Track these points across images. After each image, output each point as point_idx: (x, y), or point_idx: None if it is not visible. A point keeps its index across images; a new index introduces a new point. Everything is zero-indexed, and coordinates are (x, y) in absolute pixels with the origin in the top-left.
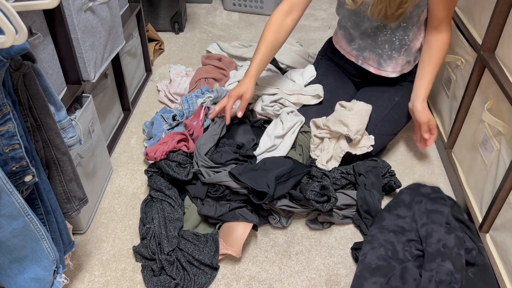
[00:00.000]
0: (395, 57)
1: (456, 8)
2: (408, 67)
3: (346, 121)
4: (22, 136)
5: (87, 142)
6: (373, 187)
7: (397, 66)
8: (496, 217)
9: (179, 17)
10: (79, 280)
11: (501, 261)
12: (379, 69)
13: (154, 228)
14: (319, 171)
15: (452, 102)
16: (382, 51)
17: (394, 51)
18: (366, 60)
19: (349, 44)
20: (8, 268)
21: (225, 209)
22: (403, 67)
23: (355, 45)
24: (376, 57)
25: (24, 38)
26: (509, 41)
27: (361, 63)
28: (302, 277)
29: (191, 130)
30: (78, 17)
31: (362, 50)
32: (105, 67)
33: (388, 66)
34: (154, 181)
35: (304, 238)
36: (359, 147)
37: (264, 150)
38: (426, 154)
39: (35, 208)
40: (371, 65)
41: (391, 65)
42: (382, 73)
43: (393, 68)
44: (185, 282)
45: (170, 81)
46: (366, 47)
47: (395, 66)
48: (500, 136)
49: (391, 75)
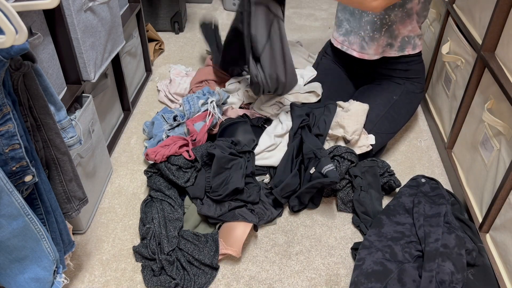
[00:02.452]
0: (376, 37)
1: (456, 8)
2: (389, 50)
3: (342, 122)
4: (22, 136)
5: (87, 142)
6: (370, 187)
7: (379, 48)
8: (496, 217)
9: (179, 17)
10: (79, 280)
11: (501, 261)
12: (361, 53)
13: (154, 228)
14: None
15: (452, 102)
16: (365, 33)
17: (376, 31)
18: (350, 45)
19: (337, 31)
20: (8, 268)
21: (225, 209)
22: (384, 49)
23: (342, 31)
24: (359, 40)
25: (24, 38)
26: (509, 41)
27: (346, 48)
28: (302, 277)
29: (194, 136)
30: (78, 17)
31: (348, 35)
32: (105, 67)
33: (370, 48)
34: (154, 181)
35: (304, 238)
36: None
37: (264, 148)
38: (426, 154)
39: (35, 208)
40: (354, 49)
41: (373, 48)
42: (365, 56)
43: (374, 50)
44: (185, 282)
45: (170, 81)
46: (351, 30)
47: (377, 47)
48: (500, 136)
49: (373, 57)
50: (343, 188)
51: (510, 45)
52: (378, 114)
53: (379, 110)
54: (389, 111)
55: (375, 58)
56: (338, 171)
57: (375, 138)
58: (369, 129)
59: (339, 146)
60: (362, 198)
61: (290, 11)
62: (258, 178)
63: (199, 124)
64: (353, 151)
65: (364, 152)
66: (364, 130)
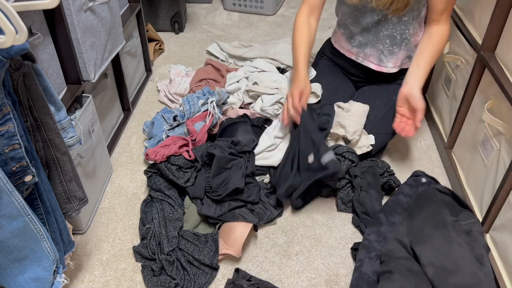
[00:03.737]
0: (396, 52)
1: (456, 8)
2: (407, 62)
3: (343, 122)
4: (22, 136)
5: (87, 142)
6: (370, 187)
7: (398, 61)
8: (496, 217)
9: (179, 17)
10: (79, 280)
11: (501, 261)
12: (379, 65)
13: (154, 228)
14: None
15: (452, 102)
16: (383, 47)
17: (395, 46)
18: (366, 57)
19: (349, 42)
20: (8, 268)
21: (225, 209)
22: (402, 62)
23: (355, 43)
24: (377, 53)
25: (24, 38)
26: (509, 41)
27: (361, 60)
28: (302, 277)
29: (194, 136)
30: (78, 17)
31: (363, 47)
32: (105, 67)
33: (389, 61)
34: (154, 181)
35: (304, 238)
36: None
37: (264, 148)
38: (426, 154)
39: (35, 208)
40: (371, 61)
41: (392, 61)
42: (383, 69)
43: (393, 63)
44: (185, 282)
45: (170, 81)
46: (367, 43)
47: (396, 61)
48: (500, 136)
49: (391, 70)
50: (343, 188)
51: (510, 45)
52: (378, 114)
53: (379, 111)
54: (389, 111)
55: (393, 71)
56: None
57: (375, 138)
58: (369, 129)
59: (340, 145)
60: (362, 198)
61: (290, 11)
62: (258, 178)
63: (199, 124)
64: (354, 151)
65: (364, 152)
66: (364, 131)
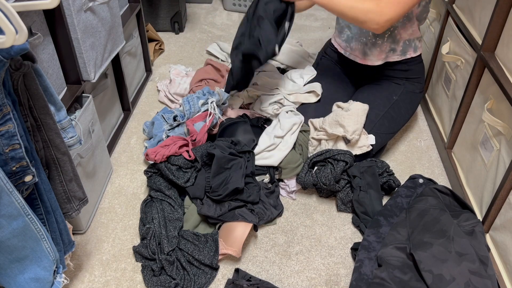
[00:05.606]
0: (379, 43)
1: (456, 8)
2: (393, 55)
3: (342, 122)
4: (22, 136)
5: (87, 142)
6: (369, 187)
7: (381, 54)
8: (496, 217)
9: (179, 17)
10: (79, 280)
11: (501, 261)
12: (364, 59)
13: (154, 228)
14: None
15: (452, 102)
16: (367, 39)
17: (378, 37)
18: (352, 51)
19: (339, 35)
20: (8, 268)
21: (225, 209)
22: (387, 54)
23: (344, 36)
24: (361, 46)
25: (24, 38)
26: (509, 41)
27: (348, 54)
28: (302, 277)
29: (194, 136)
30: (78, 17)
31: (350, 41)
32: (105, 67)
33: (372, 54)
34: (154, 181)
35: (304, 238)
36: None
37: (264, 148)
38: (426, 154)
39: (35, 208)
40: (357, 55)
41: (375, 53)
42: (368, 62)
43: (377, 56)
44: (185, 282)
45: (170, 81)
46: (353, 37)
47: (379, 53)
48: (500, 136)
49: (376, 63)
50: (343, 188)
51: (510, 45)
52: (378, 114)
53: (379, 110)
54: (389, 111)
55: (378, 63)
56: (333, 174)
57: (375, 138)
58: (369, 129)
59: (330, 150)
60: (361, 198)
61: None
62: (258, 178)
63: (199, 124)
64: (346, 151)
65: (364, 152)
66: (364, 130)
